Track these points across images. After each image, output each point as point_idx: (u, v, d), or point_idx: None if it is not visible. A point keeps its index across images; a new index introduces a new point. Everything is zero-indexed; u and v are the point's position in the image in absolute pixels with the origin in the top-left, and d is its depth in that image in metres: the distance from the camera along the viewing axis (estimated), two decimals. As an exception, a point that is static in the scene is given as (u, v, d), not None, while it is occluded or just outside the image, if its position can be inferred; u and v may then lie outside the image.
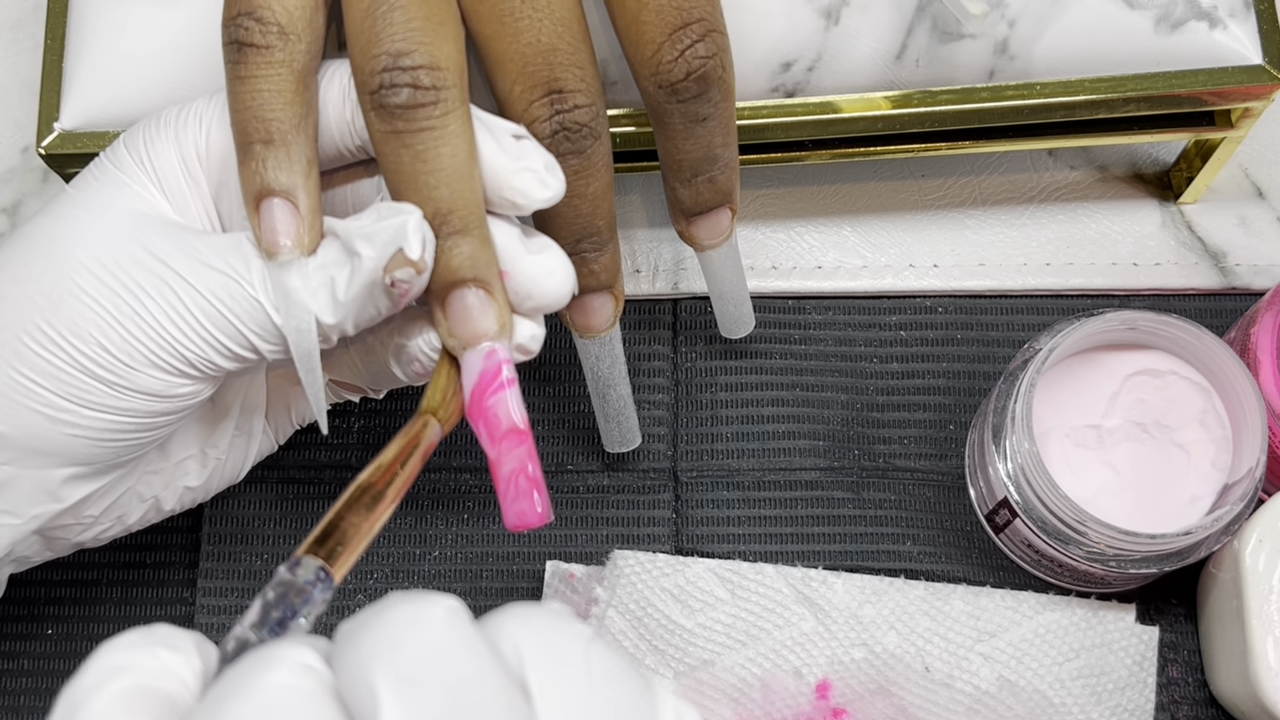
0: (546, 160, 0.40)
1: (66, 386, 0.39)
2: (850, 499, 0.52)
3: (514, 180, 0.40)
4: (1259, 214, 0.55)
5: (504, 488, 0.39)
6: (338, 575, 0.36)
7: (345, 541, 0.36)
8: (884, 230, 0.55)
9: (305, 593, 0.35)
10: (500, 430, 0.39)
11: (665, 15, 0.41)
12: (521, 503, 0.39)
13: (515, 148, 0.40)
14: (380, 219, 0.38)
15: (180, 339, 0.39)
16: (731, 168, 0.45)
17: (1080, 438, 0.49)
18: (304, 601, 0.35)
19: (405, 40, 0.38)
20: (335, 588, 0.36)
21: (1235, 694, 0.48)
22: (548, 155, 0.40)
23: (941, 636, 0.49)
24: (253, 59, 0.39)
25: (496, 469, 0.39)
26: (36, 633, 0.52)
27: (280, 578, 0.35)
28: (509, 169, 0.40)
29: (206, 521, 0.52)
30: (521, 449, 0.39)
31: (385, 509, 0.37)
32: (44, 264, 0.39)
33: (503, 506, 0.39)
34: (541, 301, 0.41)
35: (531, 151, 0.40)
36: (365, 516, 0.37)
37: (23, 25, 0.58)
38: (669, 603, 0.49)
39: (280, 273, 0.39)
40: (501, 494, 0.39)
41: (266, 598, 0.35)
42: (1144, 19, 0.47)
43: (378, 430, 0.53)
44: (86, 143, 0.47)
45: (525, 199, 0.40)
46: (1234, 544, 0.47)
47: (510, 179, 0.40)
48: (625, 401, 0.50)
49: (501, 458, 0.39)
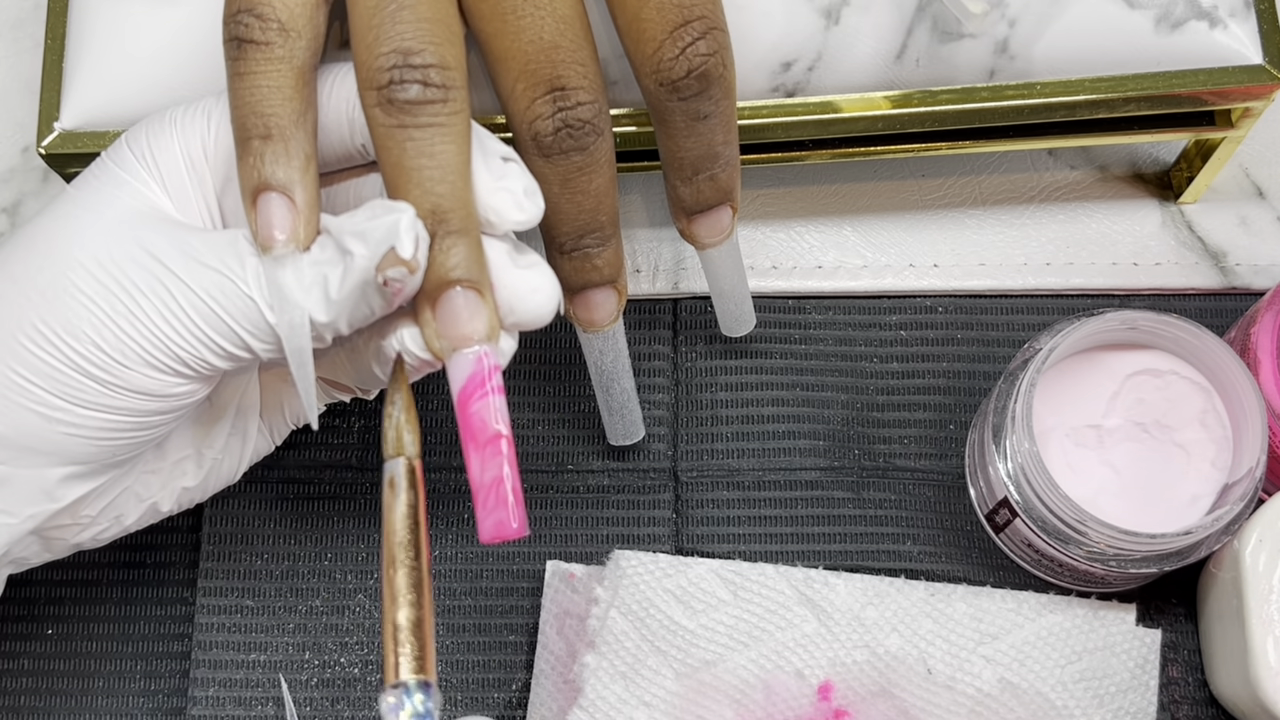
0: (527, 185, 0.40)
1: (62, 386, 0.39)
2: (850, 499, 0.52)
3: (491, 199, 0.40)
4: (1259, 214, 0.55)
5: (482, 497, 0.39)
6: (431, 674, 0.37)
7: (424, 641, 0.37)
8: (884, 230, 0.55)
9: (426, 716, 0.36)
10: (483, 436, 0.39)
11: (666, 13, 0.41)
12: (499, 513, 0.39)
13: (500, 168, 0.40)
14: (373, 217, 0.38)
15: (174, 338, 0.39)
16: (732, 166, 0.45)
17: (1080, 437, 0.49)
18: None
19: (415, 39, 0.39)
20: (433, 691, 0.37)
21: (1235, 694, 0.48)
22: (530, 180, 0.40)
23: (943, 638, 0.49)
24: (253, 55, 0.39)
25: (475, 477, 0.39)
26: (36, 633, 0.52)
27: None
28: (489, 187, 0.40)
29: (206, 521, 0.52)
30: (501, 457, 0.39)
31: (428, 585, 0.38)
32: (41, 263, 0.39)
33: (478, 516, 0.39)
34: (523, 318, 0.40)
35: (515, 174, 0.40)
36: (423, 606, 0.38)
37: (23, 25, 0.58)
38: (671, 603, 0.49)
39: (274, 268, 0.39)
40: (479, 503, 0.39)
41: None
42: (1144, 19, 0.47)
43: (377, 430, 0.53)
44: (87, 142, 0.47)
45: (499, 218, 0.40)
46: (1234, 544, 0.47)
47: (488, 197, 0.40)
48: (629, 395, 0.50)
49: (484, 464, 0.39)
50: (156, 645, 0.52)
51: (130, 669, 0.51)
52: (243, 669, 0.51)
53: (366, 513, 0.53)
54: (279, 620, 0.51)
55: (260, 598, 0.52)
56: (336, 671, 0.51)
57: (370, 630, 0.51)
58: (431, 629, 0.37)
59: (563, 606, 0.50)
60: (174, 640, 0.52)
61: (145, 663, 0.51)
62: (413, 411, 0.40)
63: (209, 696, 0.50)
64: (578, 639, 0.50)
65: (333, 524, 0.52)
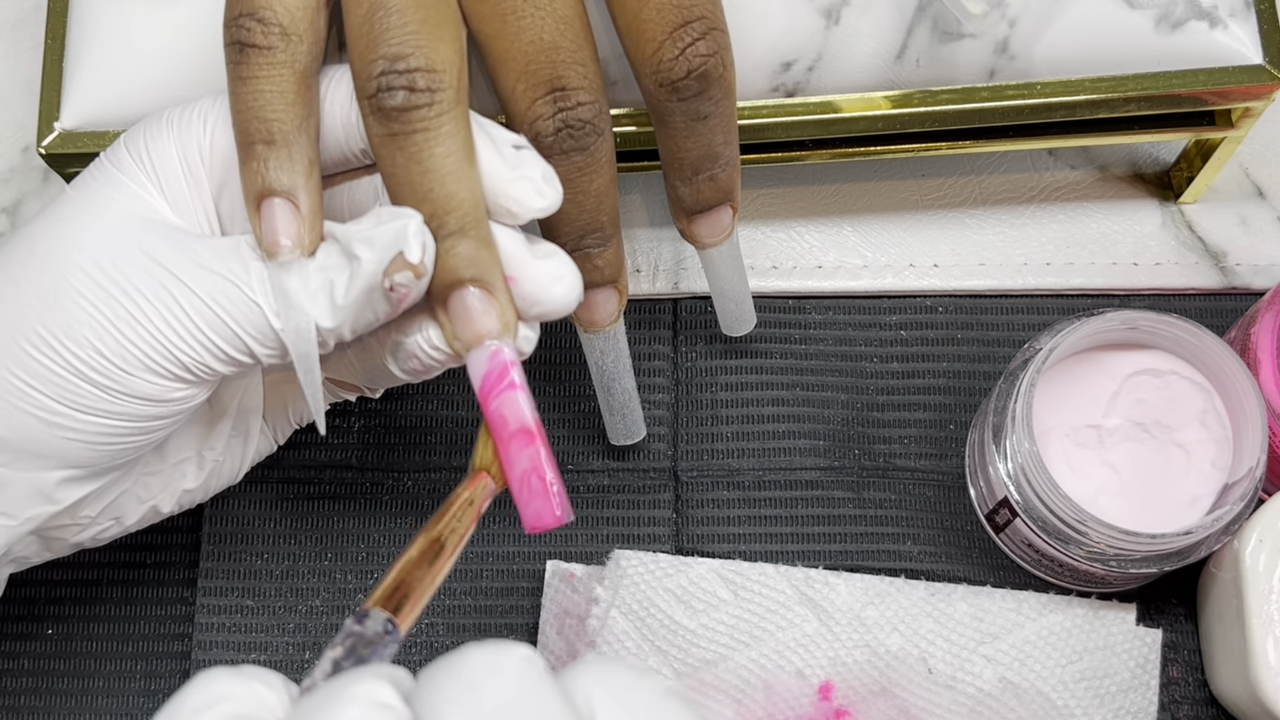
0: (545, 170, 0.40)
1: (60, 390, 0.39)
2: (850, 499, 0.52)
3: (510, 188, 0.40)
4: (1259, 214, 0.55)
5: (517, 489, 0.39)
6: (404, 627, 0.37)
7: (410, 594, 0.37)
8: (884, 230, 0.55)
9: (374, 644, 0.36)
10: (508, 431, 0.39)
11: (666, 13, 0.41)
12: (537, 503, 0.39)
13: (515, 157, 0.40)
14: (380, 223, 0.38)
15: (176, 342, 0.39)
16: (733, 165, 0.45)
17: (1080, 437, 0.49)
18: (373, 653, 0.36)
19: (401, 44, 0.39)
20: (401, 640, 0.37)
21: (1235, 694, 0.48)
22: (546, 166, 0.40)
23: (944, 638, 0.49)
24: (254, 59, 0.39)
25: (508, 471, 0.39)
26: (36, 633, 0.52)
27: (348, 629, 0.36)
28: (506, 177, 0.40)
29: (206, 521, 0.52)
30: (531, 449, 0.39)
31: (445, 562, 0.39)
32: (41, 266, 0.39)
33: (519, 509, 0.39)
34: (548, 307, 0.40)
35: (530, 161, 0.40)
36: (428, 570, 0.38)
37: (23, 25, 0.58)
38: (672, 603, 0.49)
39: (279, 274, 0.39)
40: (516, 496, 0.39)
41: (335, 651, 0.35)
42: (1144, 19, 0.47)
43: (377, 430, 0.53)
44: (87, 142, 0.47)
45: (521, 207, 0.40)
46: (1234, 544, 0.47)
47: (507, 187, 0.40)
48: (630, 395, 0.50)
49: (512, 459, 0.39)
50: (156, 645, 0.52)
51: (130, 669, 0.51)
52: (243, 669, 0.51)
53: (367, 513, 0.53)
54: (279, 620, 0.51)
55: (260, 598, 0.52)
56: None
57: (370, 630, 0.51)
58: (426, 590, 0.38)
59: (563, 606, 0.50)
60: (174, 640, 0.52)
61: (145, 663, 0.51)
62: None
63: (209, 696, 0.50)
64: (578, 639, 0.50)
65: (333, 524, 0.52)
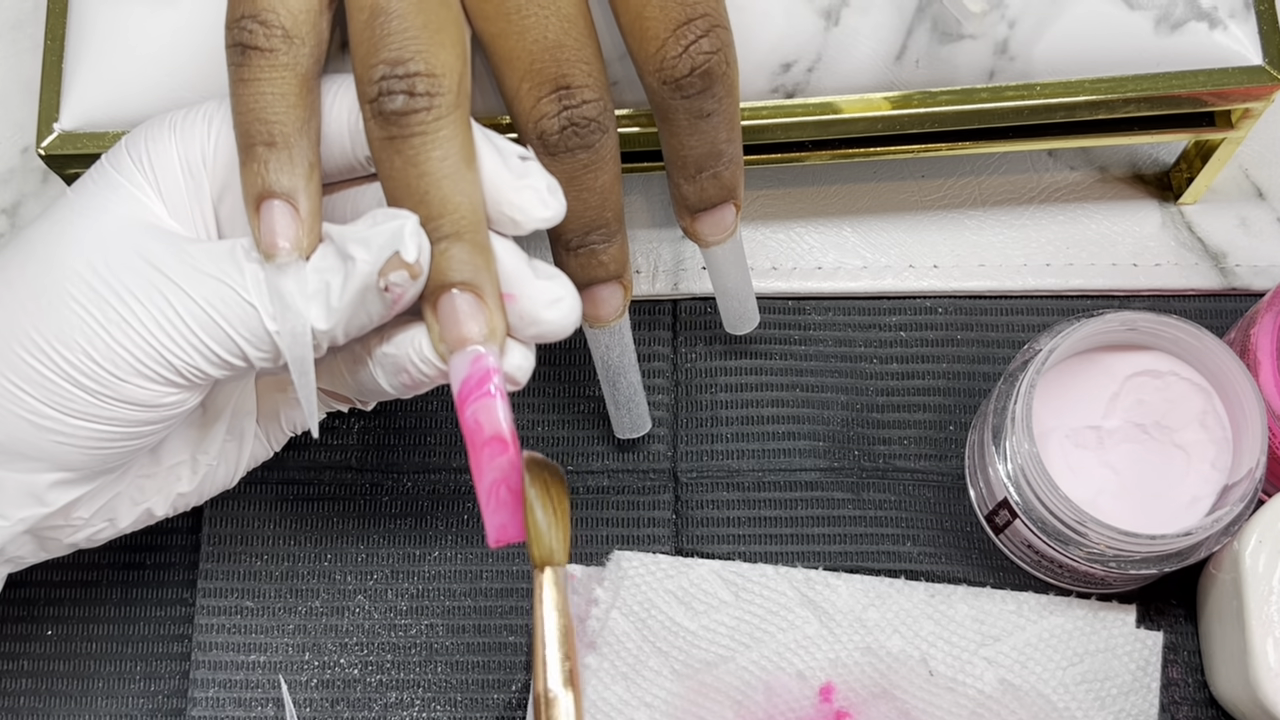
0: (550, 182, 0.40)
1: (52, 395, 0.39)
2: (850, 499, 0.52)
3: (515, 197, 0.40)
4: (1259, 214, 0.55)
5: (484, 500, 0.39)
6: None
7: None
8: (884, 231, 0.55)
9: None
10: (481, 438, 0.39)
11: (669, 11, 0.41)
12: (503, 515, 0.39)
13: (520, 167, 0.40)
14: (375, 223, 0.38)
15: (169, 345, 0.39)
16: (736, 163, 0.45)
17: (1080, 438, 0.49)
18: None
19: (401, 48, 0.39)
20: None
21: (1235, 695, 0.48)
22: (550, 177, 0.40)
23: (945, 640, 0.49)
24: (256, 62, 0.39)
25: (477, 480, 0.39)
26: (36, 633, 0.52)
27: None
28: (512, 186, 0.40)
29: (206, 522, 0.52)
30: (503, 459, 0.39)
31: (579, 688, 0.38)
32: (37, 269, 0.39)
33: (484, 520, 0.39)
34: (544, 329, 0.40)
35: (536, 172, 0.40)
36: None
37: (23, 25, 0.58)
38: (673, 604, 0.49)
39: (276, 276, 0.39)
40: (483, 507, 0.39)
41: None
42: (1144, 19, 0.47)
43: (377, 431, 0.53)
44: (86, 143, 0.47)
45: (525, 216, 0.40)
46: (1234, 545, 0.47)
47: (512, 195, 0.40)
48: (635, 389, 0.50)
49: (482, 467, 0.39)
50: (156, 645, 0.52)
51: (130, 669, 0.51)
52: (243, 670, 0.51)
53: (366, 514, 0.53)
54: (279, 621, 0.51)
55: (260, 598, 0.52)
56: (336, 672, 0.51)
57: (370, 631, 0.51)
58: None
59: (563, 607, 0.50)
60: (174, 640, 0.52)
61: (145, 663, 0.51)
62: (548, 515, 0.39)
63: (209, 697, 0.50)
64: (578, 640, 0.50)
65: (333, 525, 0.52)
